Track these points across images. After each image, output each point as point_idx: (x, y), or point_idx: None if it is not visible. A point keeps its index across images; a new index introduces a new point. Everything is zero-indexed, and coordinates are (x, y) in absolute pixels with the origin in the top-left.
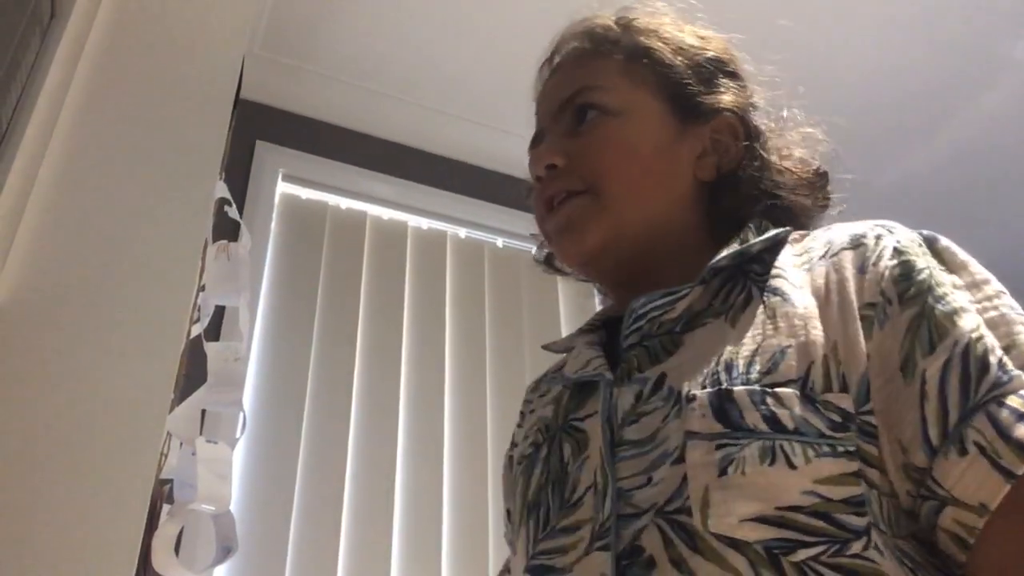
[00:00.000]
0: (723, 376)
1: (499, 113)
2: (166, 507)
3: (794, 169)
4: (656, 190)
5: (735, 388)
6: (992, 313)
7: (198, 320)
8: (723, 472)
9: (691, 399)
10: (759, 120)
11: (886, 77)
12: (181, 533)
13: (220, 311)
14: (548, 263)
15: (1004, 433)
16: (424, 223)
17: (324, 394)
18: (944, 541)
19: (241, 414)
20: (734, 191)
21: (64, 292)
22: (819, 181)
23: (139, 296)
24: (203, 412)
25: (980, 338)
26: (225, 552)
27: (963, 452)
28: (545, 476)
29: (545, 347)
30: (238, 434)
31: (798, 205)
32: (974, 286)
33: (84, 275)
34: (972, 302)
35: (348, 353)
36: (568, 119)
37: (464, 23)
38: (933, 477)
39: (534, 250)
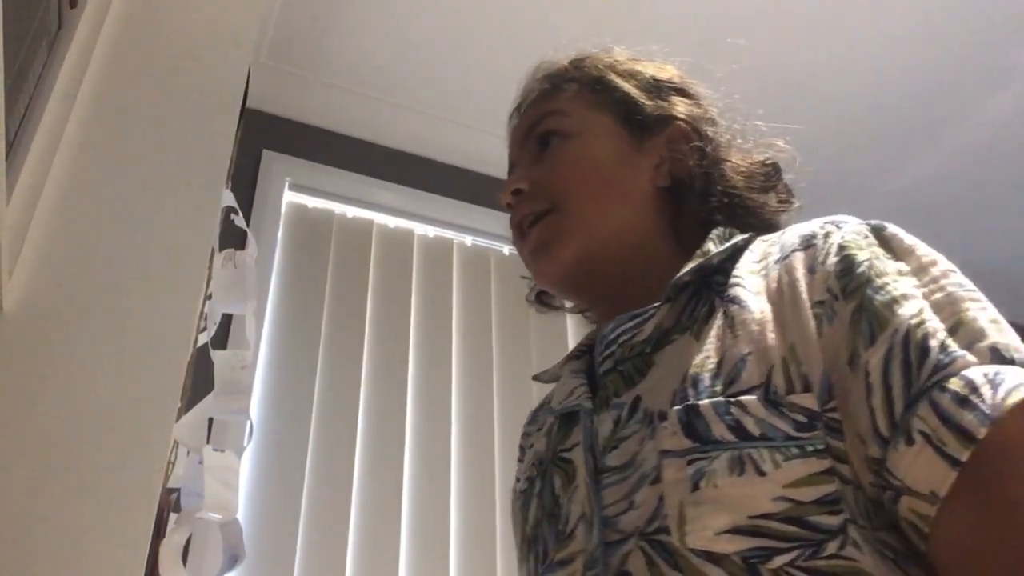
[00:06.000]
0: (690, 392)
1: (505, 121)
2: (173, 515)
3: (743, 164)
4: (617, 200)
5: (701, 402)
6: (938, 295)
7: (205, 328)
8: (695, 487)
9: (663, 418)
10: (712, 130)
11: (891, 83)
12: (188, 541)
13: (227, 319)
14: (540, 300)
15: (947, 419)
16: (430, 231)
17: (331, 402)
18: (907, 531)
19: (248, 422)
20: (692, 194)
21: (71, 300)
22: (770, 173)
23: (146, 304)
24: (210, 420)
25: (920, 324)
26: (232, 560)
27: (910, 442)
28: (540, 510)
29: (535, 378)
30: (245, 442)
31: (757, 203)
32: (920, 270)
33: (91, 283)
34: (917, 287)
35: (355, 361)
36: (532, 148)
37: (469, 32)
38: (887, 468)
39: (527, 292)
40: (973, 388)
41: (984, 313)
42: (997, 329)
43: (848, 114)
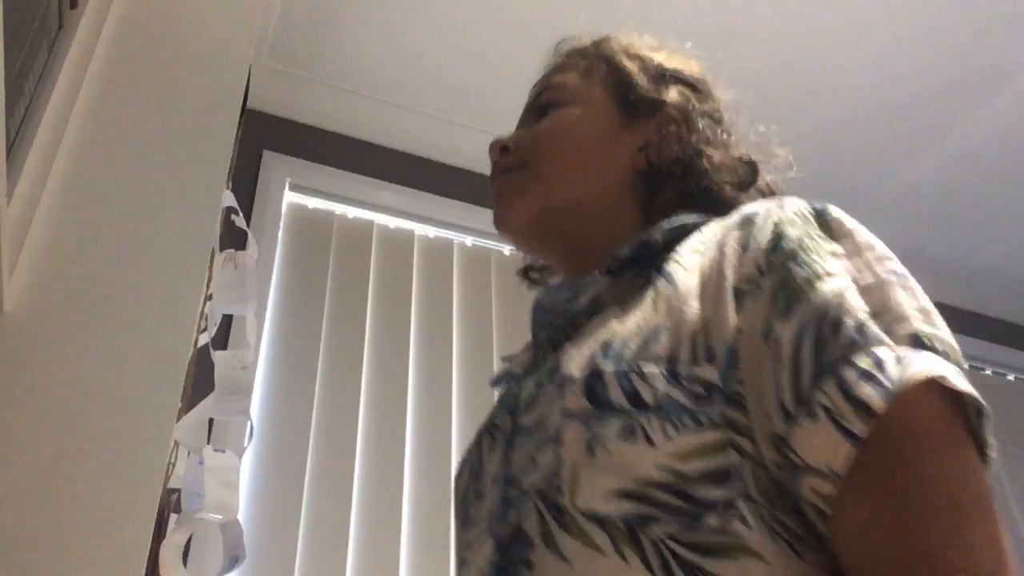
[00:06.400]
0: (600, 357)
1: (505, 121)
2: (174, 516)
3: (722, 159)
4: (590, 172)
5: (606, 369)
6: (869, 279)
7: (205, 329)
8: (590, 450)
9: (571, 381)
10: (705, 123)
11: (892, 84)
12: (189, 542)
13: (227, 320)
14: (525, 274)
15: (848, 393)
16: (431, 231)
17: (332, 402)
18: (809, 514)
19: (248, 423)
20: (667, 180)
21: (72, 300)
22: (746, 170)
23: (146, 305)
24: (211, 421)
25: (840, 302)
26: (233, 561)
27: (812, 416)
28: (470, 477)
29: (504, 359)
30: (246, 443)
31: (728, 197)
32: (855, 252)
33: (91, 283)
34: (848, 269)
35: (355, 361)
36: (532, 117)
37: (469, 32)
38: (789, 445)
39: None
40: (880, 365)
41: (913, 301)
42: (924, 318)
43: (848, 115)
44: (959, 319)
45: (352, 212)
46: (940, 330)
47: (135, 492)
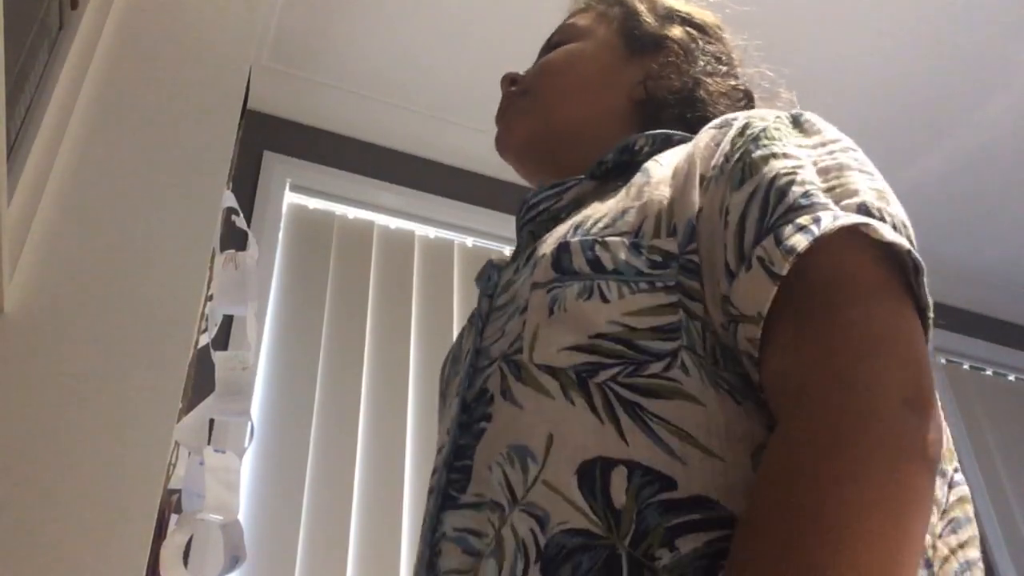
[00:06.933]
0: (570, 234)
1: None
2: (174, 517)
3: (718, 86)
4: (586, 98)
5: (572, 240)
6: (828, 161)
7: (206, 329)
8: (551, 311)
9: (542, 257)
10: (706, 60)
11: (892, 86)
12: (189, 542)
13: (228, 320)
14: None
15: (780, 241)
16: (431, 232)
17: (332, 403)
18: (746, 364)
19: (249, 423)
20: (664, 111)
21: (72, 301)
22: (740, 97)
23: (147, 305)
24: (211, 421)
25: (791, 176)
26: (233, 561)
27: (748, 267)
28: (451, 366)
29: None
30: (246, 443)
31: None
32: (820, 144)
33: (92, 284)
34: (809, 154)
35: (356, 362)
36: (543, 55)
37: (469, 32)
38: (730, 300)
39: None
40: (817, 221)
41: (869, 182)
42: (876, 195)
43: (849, 117)
44: (959, 319)
45: (353, 213)
46: (892, 206)
47: (135, 492)
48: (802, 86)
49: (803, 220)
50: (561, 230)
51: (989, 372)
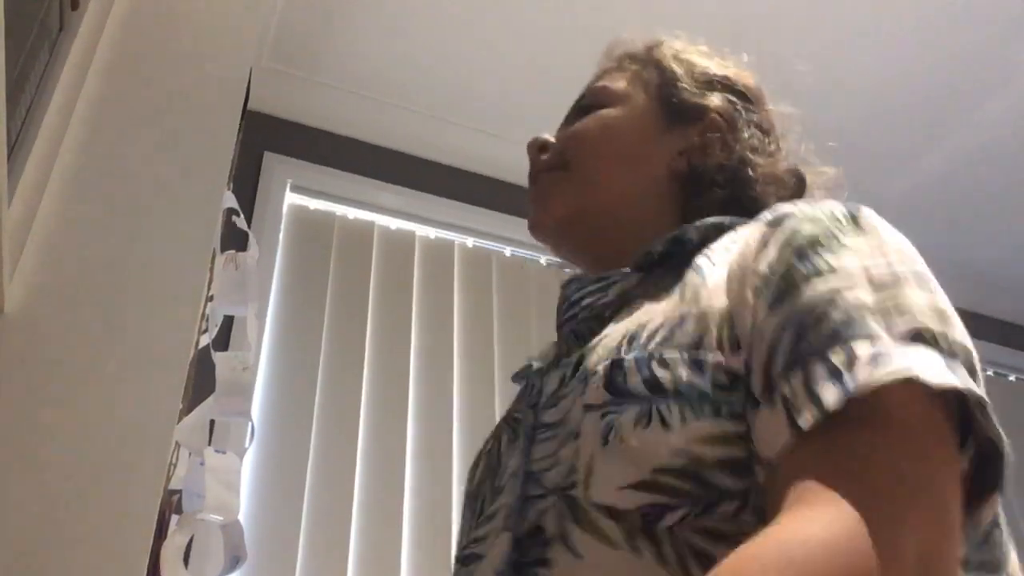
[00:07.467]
0: (624, 348)
1: (506, 122)
2: (175, 517)
3: (769, 169)
4: (627, 173)
5: (626, 357)
6: (884, 272)
7: (206, 330)
8: (605, 440)
9: (594, 374)
10: (751, 133)
11: (893, 86)
12: (190, 543)
13: (228, 321)
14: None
15: (808, 383)
16: (432, 232)
17: (333, 403)
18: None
19: (249, 424)
20: (708, 185)
21: (72, 300)
22: (794, 181)
23: (147, 306)
24: (212, 422)
25: (832, 297)
26: (234, 562)
27: (771, 404)
28: (487, 468)
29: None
30: (247, 444)
31: (768, 202)
32: (877, 248)
33: (92, 284)
34: (865, 263)
35: (356, 362)
36: (574, 120)
37: (470, 33)
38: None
39: (542, 259)
40: (851, 363)
41: (927, 298)
42: (934, 315)
43: (850, 117)
44: (959, 319)
45: (353, 213)
46: (952, 329)
47: (136, 493)
48: (802, 86)
49: (837, 358)
50: (612, 339)
51: (989, 372)
